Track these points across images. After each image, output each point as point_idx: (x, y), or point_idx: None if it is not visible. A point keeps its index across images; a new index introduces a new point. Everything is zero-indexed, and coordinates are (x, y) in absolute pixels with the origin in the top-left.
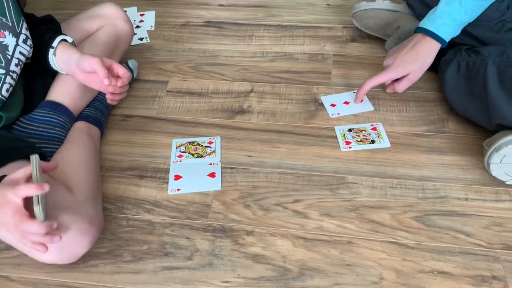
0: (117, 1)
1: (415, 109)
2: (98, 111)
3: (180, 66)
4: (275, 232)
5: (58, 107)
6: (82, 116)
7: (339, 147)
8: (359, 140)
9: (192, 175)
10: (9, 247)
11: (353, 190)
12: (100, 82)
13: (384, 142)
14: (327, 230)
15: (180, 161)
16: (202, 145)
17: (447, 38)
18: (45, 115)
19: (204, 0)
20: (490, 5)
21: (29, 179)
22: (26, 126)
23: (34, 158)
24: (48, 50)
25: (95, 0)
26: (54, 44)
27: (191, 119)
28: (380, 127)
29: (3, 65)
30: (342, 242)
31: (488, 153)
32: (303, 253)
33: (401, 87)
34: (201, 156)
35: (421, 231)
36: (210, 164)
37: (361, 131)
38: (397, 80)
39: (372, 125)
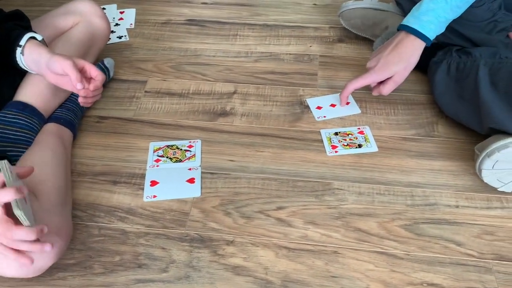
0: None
1: (403, 112)
2: (71, 112)
3: (160, 65)
4: (257, 241)
5: (26, 108)
6: (53, 117)
7: (325, 152)
8: (346, 144)
9: (169, 181)
10: None
11: (339, 196)
12: (72, 84)
13: (371, 147)
14: (312, 239)
15: (157, 165)
16: (181, 149)
17: (431, 36)
18: (12, 116)
19: None
20: (482, 5)
21: (3, 185)
22: None
23: (3, 163)
24: (16, 49)
25: None
26: (22, 42)
27: (170, 121)
28: (368, 131)
29: None
30: (327, 252)
31: (480, 159)
32: (286, 264)
33: (386, 89)
34: (180, 161)
35: (410, 241)
36: (190, 169)
37: (348, 134)
38: (382, 82)
39: (359, 128)
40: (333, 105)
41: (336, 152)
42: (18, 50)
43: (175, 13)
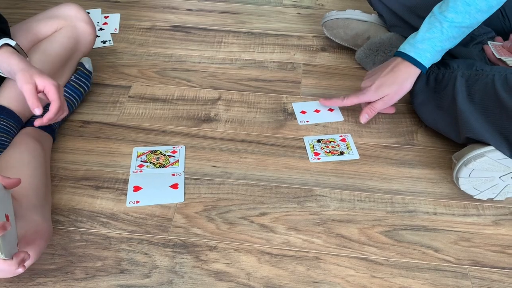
0: (80, 2)
1: (384, 120)
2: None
3: (144, 70)
4: (239, 247)
5: (2, 111)
6: (31, 121)
7: (308, 158)
8: (328, 151)
9: (153, 186)
10: None
11: (321, 203)
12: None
13: (353, 154)
14: (294, 245)
15: (141, 171)
16: (165, 155)
17: (427, 64)
18: None
19: (172, 4)
20: None
21: None
22: None
23: None
24: None
25: (57, 0)
26: None
27: (154, 127)
28: (349, 139)
29: None
30: (309, 257)
31: (457, 167)
32: (268, 270)
33: (374, 107)
34: (164, 166)
35: (389, 247)
36: (173, 174)
37: (330, 142)
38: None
39: (341, 136)
40: (317, 111)
41: (318, 159)
42: None
43: (160, 19)
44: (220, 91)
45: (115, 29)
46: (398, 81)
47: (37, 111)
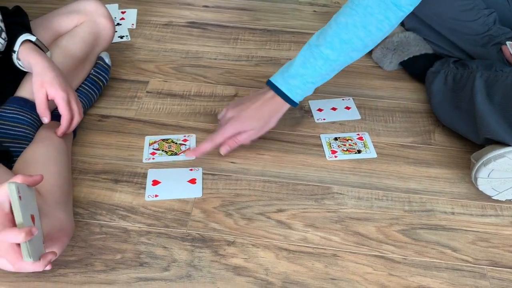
0: None
1: (401, 120)
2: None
3: (161, 66)
4: (257, 243)
5: (26, 104)
6: (54, 114)
7: (325, 156)
8: (345, 149)
9: (171, 181)
10: None
11: (339, 201)
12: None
13: (370, 152)
14: (312, 242)
15: (153, 158)
16: (176, 143)
17: (298, 100)
18: (12, 112)
19: (188, 0)
20: (477, 19)
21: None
22: None
23: (13, 187)
24: (11, 54)
25: None
26: (16, 47)
27: (172, 122)
28: (367, 137)
29: None
30: (327, 254)
31: (476, 167)
32: (286, 266)
33: (237, 140)
34: (175, 154)
35: (407, 245)
36: (191, 169)
37: (347, 140)
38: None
39: (358, 134)
40: (334, 109)
41: (335, 157)
42: (14, 55)
43: (176, 15)
44: (237, 87)
45: (132, 24)
46: (266, 116)
47: (45, 119)
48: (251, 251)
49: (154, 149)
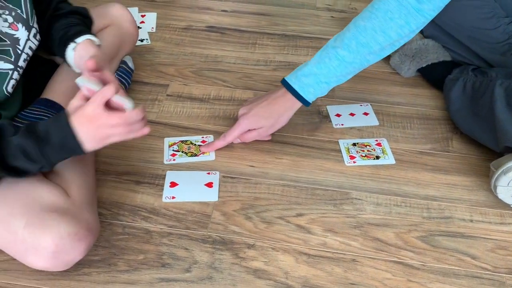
0: (118, 0)
1: (419, 126)
2: None
3: (181, 70)
4: (277, 246)
5: (53, 106)
6: None
7: (343, 162)
8: (364, 155)
9: (188, 183)
10: None
11: (357, 206)
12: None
13: (388, 159)
14: (331, 247)
15: (174, 160)
16: (195, 144)
17: (310, 99)
18: (39, 113)
19: (207, 4)
20: (497, 27)
21: (88, 99)
22: (17, 124)
23: (81, 79)
24: (69, 44)
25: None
26: (79, 40)
27: (192, 125)
28: (385, 143)
29: (12, 60)
30: (346, 260)
31: (496, 175)
32: (306, 270)
33: (247, 137)
34: (195, 155)
35: (426, 252)
36: (208, 173)
37: (366, 146)
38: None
39: (376, 140)
40: (352, 114)
41: (354, 162)
42: (72, 45)
43: (195, 19)
44: (255, 92)
45: (152, 28)
46: (274, 115)
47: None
48: (271, 254)
49: (174, 150)
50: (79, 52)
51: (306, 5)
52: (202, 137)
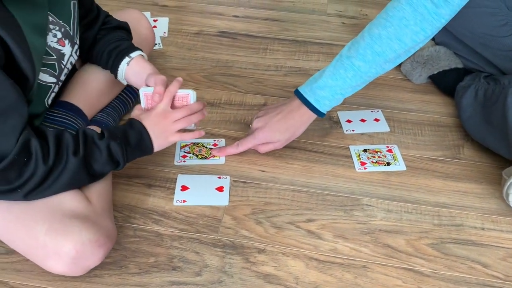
0: (130, 5)
1: (430, 133)
2: (110, 117)
3: (193, 74)
4: (287, 251)
5: (72, 109)
6: (94, 120)
7: (354, 167)
8: (375, 161)
9: (199, 187)
10: (9, 252)
11: (368, 212)
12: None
13: (399, 165)
14: (341, 253)
15: (184, 161)
16: (206, 147)
17: (325, 110)
18: (59, 115)
19: (218, 10)
20: (510, 34)
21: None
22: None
23: (145, 89)
24: (123, 58)
25: (110, 5)
26: (133, 55)
27: (203, 129)
28: (396, 150)
29: (56, 74)
30: (357, 266)
31: (508, 183)
32: (316, 276)
33: (263, 149)
34: (205, 158)
35: (437, 259)
36: (219, 177)
37: (377, 152)
38: None
39: (387, 146)
40: (363, 120)
41: (365, 168)
42: (126, 59)
43: (207, 25)
44: (266, 97)
45: (164, 32)
46: (290, 129)
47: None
48: (281, 259)
49: (185, 152)
50: (133, 67)
51: (317, 11)
52: (214, 140)
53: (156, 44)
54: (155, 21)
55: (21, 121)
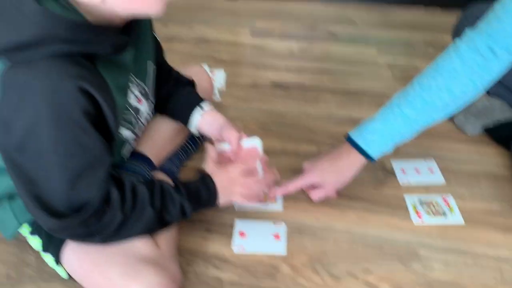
0: (188, 59)
1: (487, 185)
2: (174, 166)
3: (248, 124)
4: None
5: (142, 158)
6: (161, 167)
7: (410, 218)
8: (431, 212)
9: (257, 234)
10: None
11: (426, 264)
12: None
13: (456, 217)
14: None
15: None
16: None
17: (375, 155)
18: (130, 164)
19: (271, 62)
20: None
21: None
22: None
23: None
24: (196, 110)
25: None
26: (206, 108)
27: None
28: (452, 201)
29: (135, 130)
30: None
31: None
32: None
33: (314, 195)
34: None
35: None
36: (275, 223)
37: (433, 203)
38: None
39: (443, 198)
40: (417, 170)
41: (421, 220)
42: (199, 111)
43: (261, 77)
44: (319, 145)
45: (221, 84)
46: (339, 170)
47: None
48: None
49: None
50: (206, 118)
51: (367, 62)
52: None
53: (213, 95)
54: (212, 73)
55: (106, 172)
